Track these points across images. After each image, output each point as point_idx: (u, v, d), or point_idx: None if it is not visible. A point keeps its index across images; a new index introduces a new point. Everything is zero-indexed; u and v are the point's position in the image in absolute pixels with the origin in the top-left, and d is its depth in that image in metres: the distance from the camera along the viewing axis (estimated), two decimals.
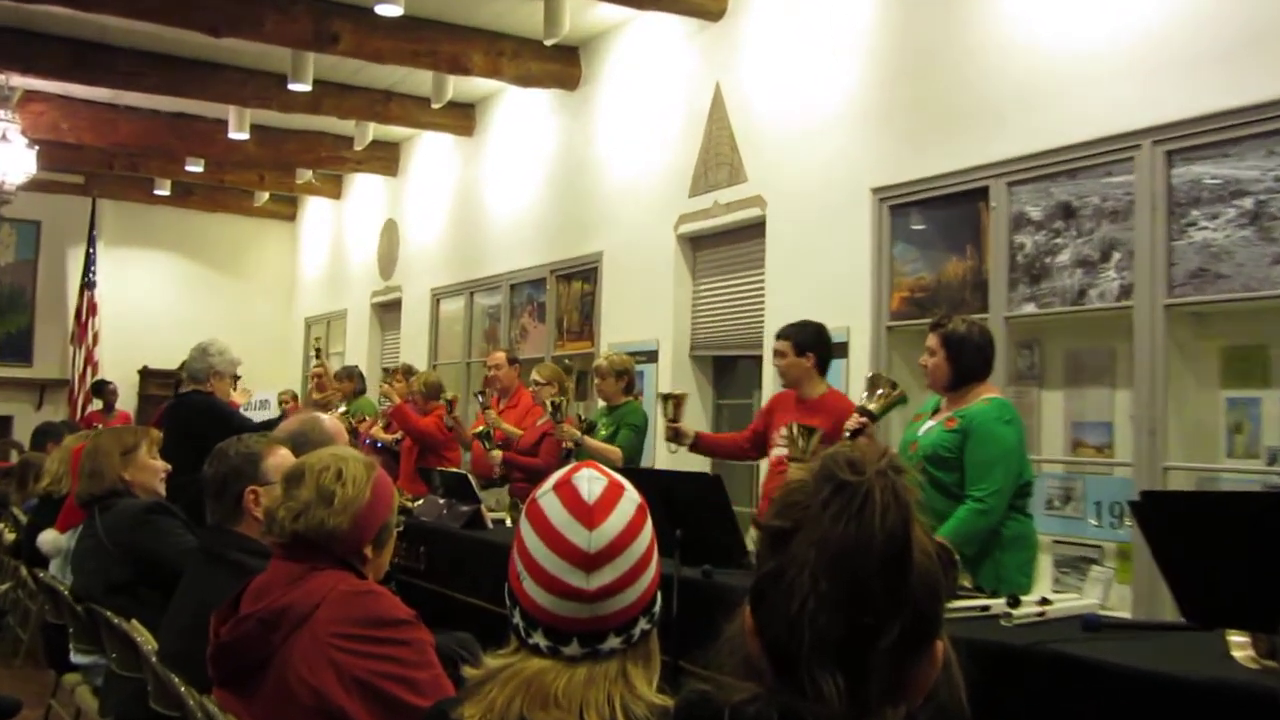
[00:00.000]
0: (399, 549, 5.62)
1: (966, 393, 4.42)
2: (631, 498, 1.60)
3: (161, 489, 4.34)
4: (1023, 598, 3.31)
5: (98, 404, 14.08)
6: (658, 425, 8.13)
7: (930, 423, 4.48)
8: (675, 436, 5.51)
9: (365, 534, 2.50)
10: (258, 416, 12.02)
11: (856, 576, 1.14)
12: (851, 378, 6.53)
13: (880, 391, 4.63)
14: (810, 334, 5.28)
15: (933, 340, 4.48)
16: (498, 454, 6.84)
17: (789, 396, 5.41)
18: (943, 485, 4.27)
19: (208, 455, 3.30)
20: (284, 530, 2.45)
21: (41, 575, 4.81)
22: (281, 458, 3.20)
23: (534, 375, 6.98)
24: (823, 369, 5.31)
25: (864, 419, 4.47)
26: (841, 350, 6.54)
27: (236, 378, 6.65)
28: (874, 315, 6.53)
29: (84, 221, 15.68)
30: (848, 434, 4.55)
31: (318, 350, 9.59)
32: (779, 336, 5.36)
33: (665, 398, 5.59)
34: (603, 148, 9.50)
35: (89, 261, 15.64)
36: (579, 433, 6.22)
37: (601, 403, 6.70)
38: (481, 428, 7.03)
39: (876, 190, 6.60)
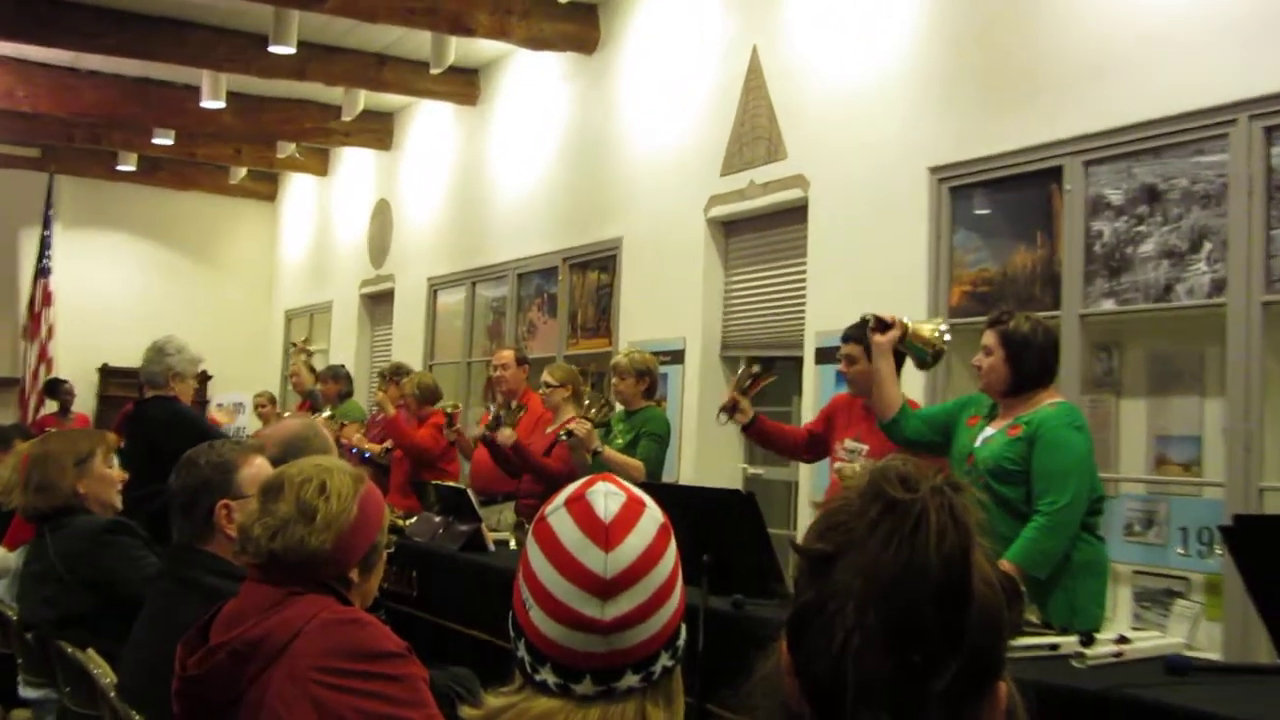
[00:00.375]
0: (388, 573, 5.63)
1: (1028, 398, 4.42)
2: (653, 516, 1.60)
3: (118, 502, 4.34)
4: (1098, 635, 3.30)
5: (52, 406, 14.15)
6: (683, 436, 8.15)
7: (989, 430, 4.47)
8: (732, 409, 5.48)
9: (351, 555, 2.51)
10: (233, 420, 12.11)
11: (908, 608, 1.14)
12: (906, 380, 6.51)
13: (934, 329, 4.72)
14: None
15: (990, 338, 4.48)
16: (509, 431, 6.80)
17: (855, 404, 5.39)
18: (1008, 502, 4.26)
19: (173, 466, 3.31)
20: (259, 550, 2.45)
21: None
22: (258, 468, 3.20)
23: (545, 377, 6.98)
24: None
25: (896, 322, 4.73)
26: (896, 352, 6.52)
27: (207, 378, 6.70)
28: (930, 311, 6.51)
29: (39, 200, 15.76)
30: (871, 319, 4.67)
31: (295, 344, 9.61)
32: (846, 339, 5.33)
33: (752, 361, 5.57)
34: (624, 120, 9.50)
35: (44, 245, 15.71)
36: (600, 443, 6.21)
37: (619, 406, 6.71)
38: (507, 409, 7.03)
39: (935, 170, 6.59)
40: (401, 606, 5.75)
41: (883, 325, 4.75)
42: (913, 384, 6.34)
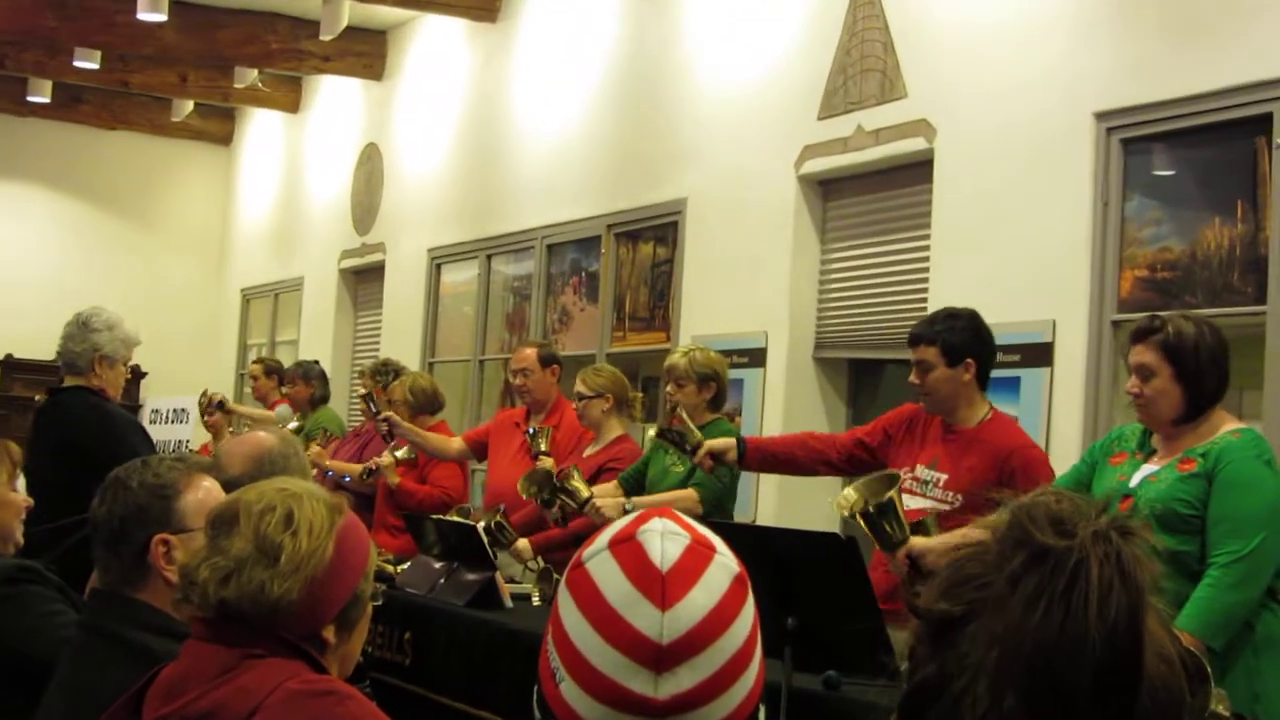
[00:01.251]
0: (373, 633, 5.67)
1: (1200, 423, 4.41)
2: (725, 565, 1.61)
3: (20, 535, 4.34)
4: None
5: None
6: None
7: (1151, 467, 4.46)
8: (694, 449, 5.76)
9: (325, 609, 2.52)
10: (175, 433, 12.21)
11: (1059, 689, 1.14)
12: (1057, 393, 6.49)
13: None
14: (963, 330, 5.25)
15: (1148, 355, 4.45)
16: (524, 544, 6.76)
17: (932, 424, 5.38)
18: (1178, 557, 4.25)
19: (93, 483, 3.32)
20: (206, 599, 2.47)
21: None
22: (206, 493, 3.22)
23: (578, 386, 7.00)
24: (984, 381, 5.30)
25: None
26: (1043, 354, 6.50)
27: (140, 375, 6.72)
28: (1093, 304, 6.48)
29: None
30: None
31: (208, 403, 9.64)
32: (916, 340, 5.32)
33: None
34: (691, 44, 9.50)
35: None
36: (627, 502, 6.21)
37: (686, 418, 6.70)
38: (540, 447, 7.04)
39: (1102, 116, 6.55)
40: (390, 677, 5.78)
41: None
42: (1068, 416, 6.32)
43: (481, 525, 6.73)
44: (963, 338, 5.21)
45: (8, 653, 3.76)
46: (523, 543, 6.72)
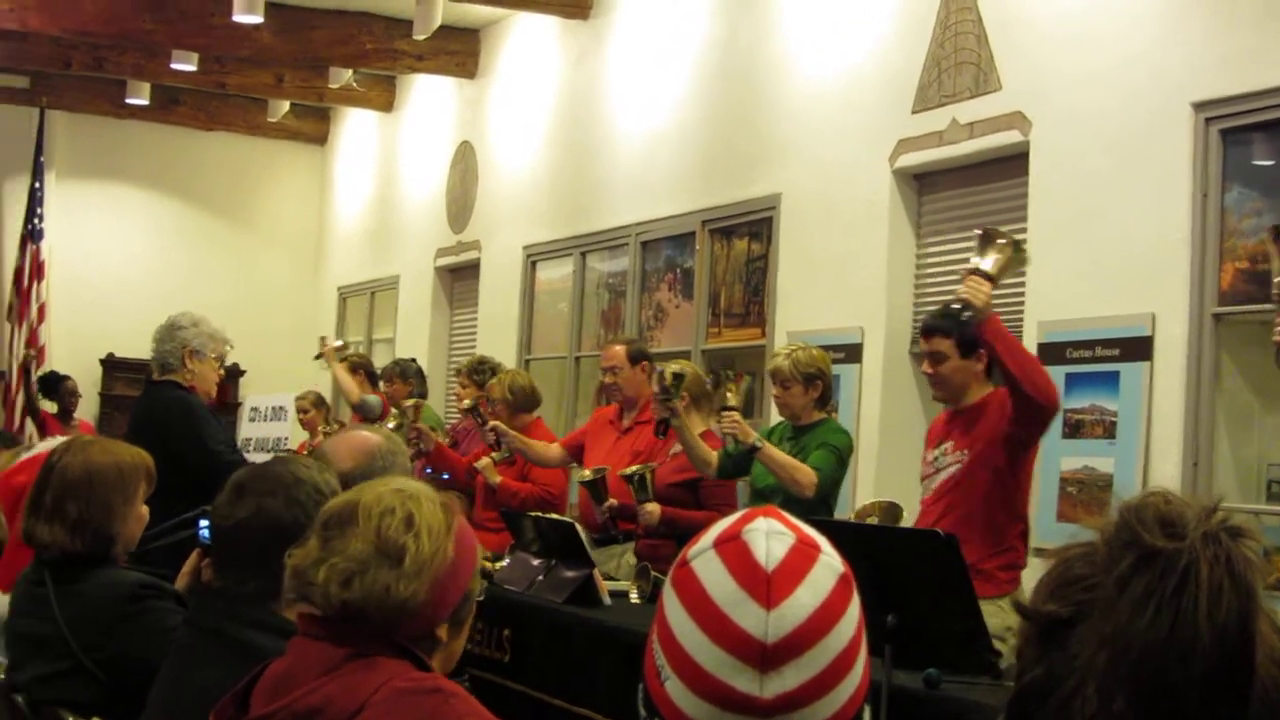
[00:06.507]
0: (472, 629, 5.70)
1: None
2: (830, 564, 1.61)
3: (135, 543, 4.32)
4: None
5: (49, 406, 14.35)
6: (859, 457, 8.11)
7: None
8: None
9: (443, 608, 2.53)
10: (273, 430, 12.33)
11: (1169, 692, 1.14)
12: (1157, 387, 6.44)
13: (1000, 242, 5.04)
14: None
15: None
16: (654, 508, 6.74)
17: (935, 425, 5.52)
18: None
19: (175, 475, 3.31)
20: (328, 599, 2.47)
21: None
22: None
23: (654, 386, 7.02)
24: (991, 371, 5.44)
25: (979, 278, 4.99)
26: (1143, 348, 6.45)
27: (239, 373, 6.82)
28: (1193, 297, 6.42)
29: (27, 143, 16.00)
30: (957, 306, 5.00)
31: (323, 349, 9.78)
32: (928, 331, 5.52)
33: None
34: (784, 38, 9.48)
35: (33, 201, 15.91)
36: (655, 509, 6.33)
37: (778, 418, 6.69)
38: (589, 474, 7.05)
39: (1201, 106, 6.49)
40: (490, 675, 5.81)
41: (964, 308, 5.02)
42: (1169, 410, 6.27)
43: (582, 479, 6.85)
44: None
45: (134, 668, 3.75)
46: (653, 506, 6.71)
